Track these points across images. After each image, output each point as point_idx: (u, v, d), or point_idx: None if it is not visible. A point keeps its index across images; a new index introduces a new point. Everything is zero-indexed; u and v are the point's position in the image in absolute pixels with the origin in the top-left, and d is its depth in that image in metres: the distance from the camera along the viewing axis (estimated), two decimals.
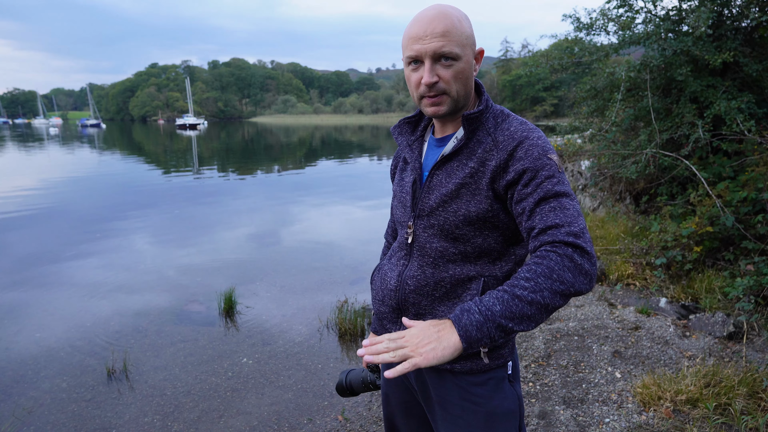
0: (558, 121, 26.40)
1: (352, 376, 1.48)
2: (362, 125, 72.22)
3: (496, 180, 1.14)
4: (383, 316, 1.36)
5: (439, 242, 1.22)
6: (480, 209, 1.16)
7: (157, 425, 2.96)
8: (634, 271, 4.51)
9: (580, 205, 1.07)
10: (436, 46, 1.10)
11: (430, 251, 1.24)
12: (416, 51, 1.13)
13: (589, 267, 0.98)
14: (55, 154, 25.41)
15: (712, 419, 2.48)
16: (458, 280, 1.21)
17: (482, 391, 1.23)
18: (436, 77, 1.13)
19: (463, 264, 1.21)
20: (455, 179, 1.19)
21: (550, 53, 6.15)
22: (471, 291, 1.20)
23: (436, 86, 1.14)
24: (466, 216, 1.17)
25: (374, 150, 26.91)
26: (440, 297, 1.23)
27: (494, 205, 1.16)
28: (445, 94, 1.15)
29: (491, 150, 1.15)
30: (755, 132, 4.11)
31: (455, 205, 1.18)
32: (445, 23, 1.11)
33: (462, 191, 1.17)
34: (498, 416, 1.23)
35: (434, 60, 1.12)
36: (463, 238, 1.20)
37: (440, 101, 1.16)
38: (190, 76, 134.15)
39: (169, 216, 9.24)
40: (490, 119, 1.21)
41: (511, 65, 74.95)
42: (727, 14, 4.84)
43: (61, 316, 4.64)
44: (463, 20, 1.15)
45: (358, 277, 5.68)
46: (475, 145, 1.19)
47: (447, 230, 1.20)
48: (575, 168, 7.78)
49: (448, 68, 1.13)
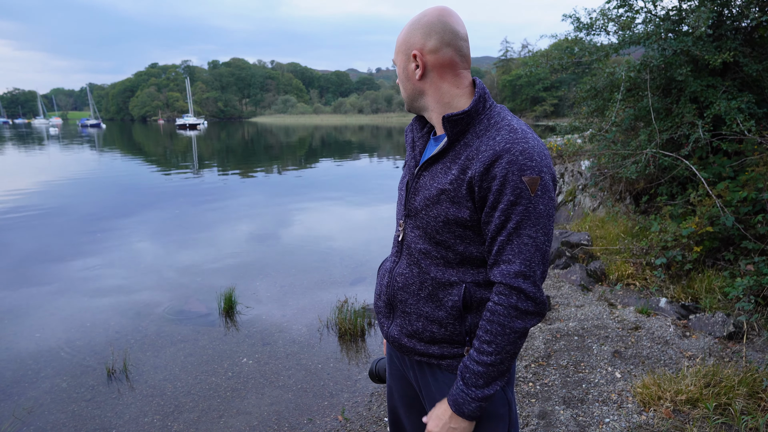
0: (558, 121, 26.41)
1: (380, 365, 1.59)
2: (362, 125, 72.20)
3: (472, 191, 1.13)
4: (379, 311, 1.38)
5: (423, 244, 1.22)
6: (459, 217, 1.15)
7: (157, 425, 2.97)
8: (634, 271, 4.51)
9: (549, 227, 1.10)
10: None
11: (415, 251, 1.24)
12: None
13: (534, 307, 1.11)
14: (55, 154, 25.41)
15: (712, 419, 2.48)
16: (440, 283, 1.21)
17: None
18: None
19: (444, 268, 1.20)
20: (437, 183, 1.18)
21: (550, 53, 6.14)
22: (452, 297, 1.19)
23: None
24: (445, 222, 1.16)
25: (374, 150, 26.91)
26: (425, 297, 1.23)
27: (474, 216, 1.14)
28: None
29: (473, 158, 1.12)
30: (755, 132, 4.11)
31: (436, 210, 1.17)
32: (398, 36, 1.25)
33: (442, 197, 1.16)
34: (483, 419, 1.23)
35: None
36: (444, 244, 1.19)
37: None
38: (190, 76, 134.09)
39: (169, 216, 9.24)
40: (483, 121, 1.17)
41: (511, 65, 74.96)
42: (727, 14, 4.83)
43: (61, 316, 4.64)
44: (406, 27, 1.22)
45: (358, 277, 5.68)
46: (462, 148, 1.16)
47: (429, 234, 1.20)
48: (575, 168, 7.78)
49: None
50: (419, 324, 1.24)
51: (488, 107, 1.19)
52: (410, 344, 1.28)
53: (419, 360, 1.29)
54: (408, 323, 1.27)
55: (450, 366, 1.24)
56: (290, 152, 26.56)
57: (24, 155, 24.44)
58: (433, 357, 1.25)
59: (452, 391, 1.17)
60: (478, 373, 1.13)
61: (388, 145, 30.48)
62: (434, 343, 1.24)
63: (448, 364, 1.24)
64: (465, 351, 1.21)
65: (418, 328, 1.25)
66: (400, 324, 1.29)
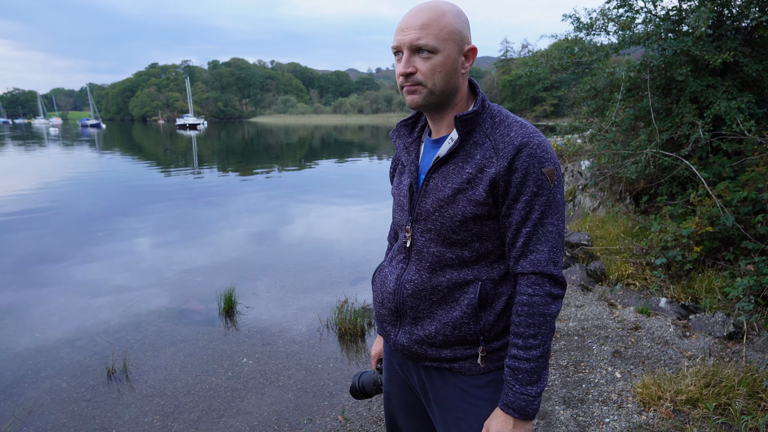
0: (558, 121, 26.42)
1: (364, 379, 1.54)
2: (362, 125, 72.21)
3: (495, 187, 1.14)
4: (383, 319, 1.35)
5: (436, 247, 1.21)
6: (477, 214, 1.16)
7: (157, 425, 2.97)
8: (634, 271, 4.51)
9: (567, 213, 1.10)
10: (413, 37, 1.12)
11: (427, 256, 1.23)
12: (397, 41, 1.15)
13: (563, 290, 1.17)
14: (56, 154, 25.41)
15: (712, 419, 2.48)
16: (455, 284, 1.21)
17: (483, 394, 1.23)
18: (412, 68, 1.14)
19: (460, 269, 1.21)
20: (452, 183, 1.18)
21: (550, 53, 6.14)
22: (468, 294, 1.20)
23: (412, 77, 1.15)
24: (463, 221, 1.17)
25: (374, 150, 26.91)
26: (438, 301, 1.23)
27: (492, 211, 1.16)
28: (421, 85, 1.15)
29: (491, 157, 1.14)
30: (755, 132, 4.11)
31: (452, 210, 1.17)
32: (428, 16, 1.12)
33: (459, 197, 1.17)
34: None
35: (412, 51, 1.14)
36: (460, 243, 1.19)
37: (415, 90, 1.16)
38: (190, 76, 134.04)
39: (170, 216, 9.24)
40: (486, 120, 1.19)
41: (511, 65, 74.95)
42: (727, 14, 4.83)
43: (61, 316, 4.64)
44: (450, 15, 1.14)
45: (358, 277, 5.68)
46: (472, 147, 1.18)
47: (444, 235, 1.20)
48: (575, 168, 7.78)
49: (426, 60, 1.13)
50: (432, 328, 1.23)
51: (487, 107, 1.21)
52: (421, 350, 1.26)
53: (428, 365, 1.28)
54: (420, 329, 1.25)
55: (461, 368, 1.23)
56: (290, 152, 26.56)
57: (24, 155, 24.44)
58: (444, 361, 1.24)
59: (508, 398, 1.15)
60: (531, 369, 1.14)
61: (388, 145, 30.48)
62: (446, 347, 1.23)
63: (459, 366, 1.23)
64: (480, 350, 1.21)
65: (431, 332, 1.23)
66: (410, 331, 1.27)
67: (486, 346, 1.21)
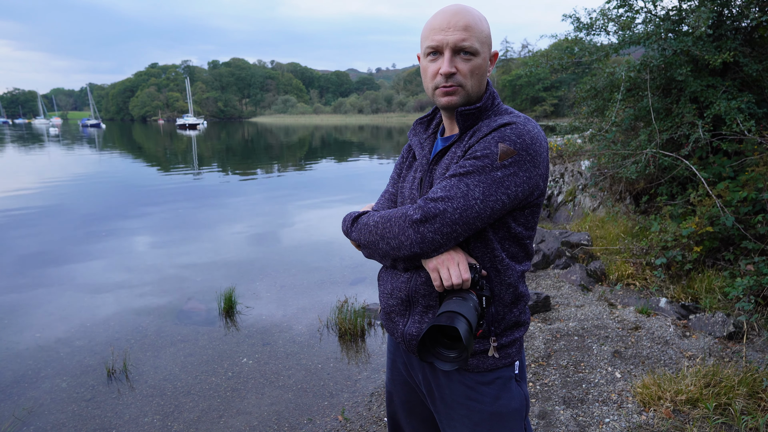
0: (558, 121, 26.41)
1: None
2: (362, 125, 72.19)
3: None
4: (391, 310, 1.34)
5: None
6: None
7: (157, 425, 2.96)
8: (634, 271, 4.51)
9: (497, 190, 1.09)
10: (458, 38, 1.13)
11: None
12: (437, 41, 1.15)
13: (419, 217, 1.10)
14: (56, 154, 25.41)
15: (712, 419, 2.48)
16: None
17: (489, 391, 1.23)
18: (455, 68, 1.15)
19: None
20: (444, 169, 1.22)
21: (550, 53, 6.14)
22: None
23: (453, 77, 1.16)
24: None
25: (374, 150, 26.90)
26: None
27: None
28: (461, 87, 1.17)
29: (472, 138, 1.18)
30: (755, 132, 4.11)
31: None
32: (468, 19, 1.14)
33: None
34: (504, 416, 1.23)
35: (454, 52, 1.15)
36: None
37: (455, 91, 1.17)
38: (190, 76, 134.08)
39: (170, 216, 9.24)
40: (491, 116, 1.22)
41: (511, 65, 74.89)
42: (727, 14, 4.83)
43: (61, 316, 4.64)
44: (483, 21, 1.19)
45: (358, 277, 5.68)
46: (468, 136, 1.21)
47: None
48: (575, 168, 7.78)
49: (467, 62, 1.15)
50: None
51: (496, 104, 1.24)
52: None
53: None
54: (431, 316, 1.25)
55: (470, 364, 1.23)
56: (290, 152, 26.55)
57: (24, 155, 24.44)
58: None
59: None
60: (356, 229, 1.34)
61: (388, 145, 30.49)
62: None
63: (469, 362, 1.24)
64: (492, 341, 1.21)
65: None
66: (420, 320, 1.27)
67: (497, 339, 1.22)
